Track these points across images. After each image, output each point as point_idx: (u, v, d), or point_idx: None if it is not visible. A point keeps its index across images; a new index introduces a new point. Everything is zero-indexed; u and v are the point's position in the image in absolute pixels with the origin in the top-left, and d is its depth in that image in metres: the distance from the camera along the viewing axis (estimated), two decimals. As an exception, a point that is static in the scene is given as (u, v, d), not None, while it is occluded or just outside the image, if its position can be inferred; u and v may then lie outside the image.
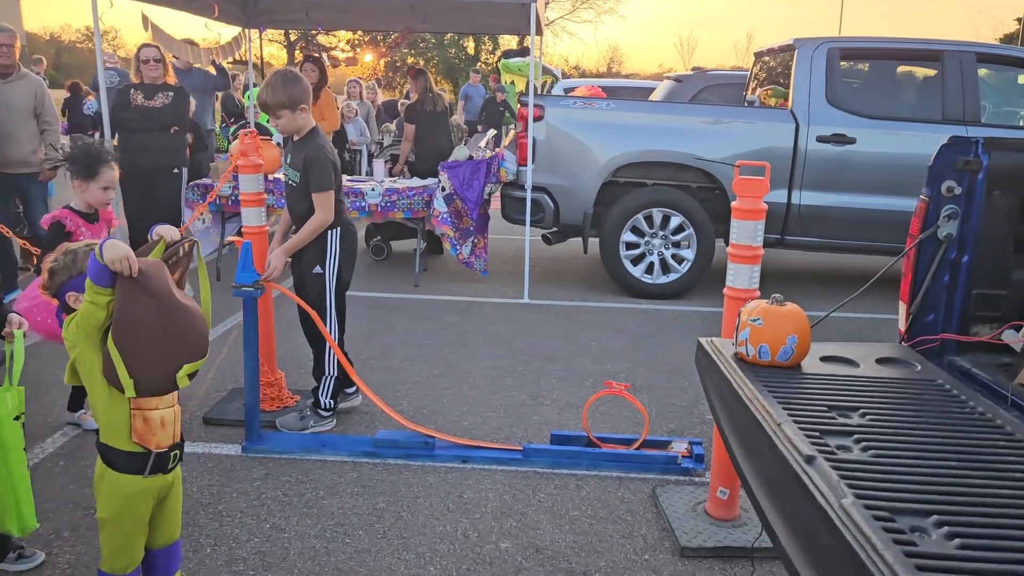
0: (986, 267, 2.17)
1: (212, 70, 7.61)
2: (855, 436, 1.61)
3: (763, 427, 1.67)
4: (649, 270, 6.39)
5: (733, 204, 2.90)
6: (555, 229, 6.56)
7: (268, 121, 4.48)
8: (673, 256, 6.35)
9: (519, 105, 6.39)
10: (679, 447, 3.64)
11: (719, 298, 6.32)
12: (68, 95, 16.08)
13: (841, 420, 1.70)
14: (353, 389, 4.06)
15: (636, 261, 6.39)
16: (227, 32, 8.20)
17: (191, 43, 7.47)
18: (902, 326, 2.30)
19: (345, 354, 3.85)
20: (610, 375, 4.70)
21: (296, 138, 3.72)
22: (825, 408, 1.75)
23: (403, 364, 4.81)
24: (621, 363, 4.94)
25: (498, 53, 30.12)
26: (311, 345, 3.94)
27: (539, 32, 8.07)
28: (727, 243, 6.26)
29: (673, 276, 6.37)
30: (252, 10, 8.22)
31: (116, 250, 1.96)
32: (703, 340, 2.22)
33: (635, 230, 6.33)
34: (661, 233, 6.32)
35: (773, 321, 1.99)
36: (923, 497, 1.37)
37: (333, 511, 3.17)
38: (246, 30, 8.38)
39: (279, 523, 3.08)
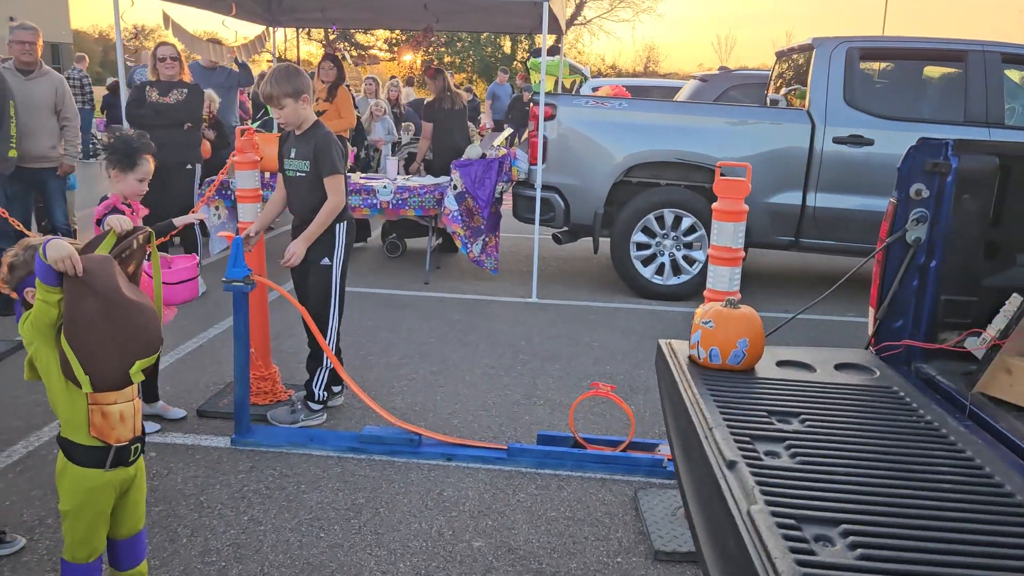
0: (955, 272, 2.10)
1: (235, 67, 7.71)
2: (787, 442, 1.57)
3: (697, 430, 1.64)
4: (660, 271, 6.33)
5: (714, 205, 2.85)
6: (565, 228, 6.53)
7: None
8: (684, 257, 6.28)
9: (532, 104, 6.37)
10: (666, 450, 3.60)
11: (756, 301, 6.28)
12: (108, 93, 16.44)
13: (778, 426, 1.66)
14: (339, 388, 4.08)
15: (647, 262, 6.34)
16: (250, 30, 8.30)
17: (215, 41, 7.58)
18: (870, 331, 2.24)
19: (339, 351, 3.88)
20: (609, 376, 4.66)
21: (298, 132, 3.76)
22: (765, 413, 1.71)
23: (402, 361, 4.83)
24: (622, 364, 4.90)
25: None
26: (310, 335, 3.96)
27: (559, 31, 8.06)
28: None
29: (684, 278, 6.30)
30: (276, 9, 8.31)
31: (59, 250, 1.96)
32: (662, 342, 2.19)
33: (646, 230, 6.28)
34: (672, 234, 6.26)
35: (724, 324, 1.95)
36: (837, 506, 1.34)
37: (312, 505, 3.19)
38: (270, 28, 8.47)
39: (257, 515, 3.10)
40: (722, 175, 2.79)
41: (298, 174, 3.77)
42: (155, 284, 2.36)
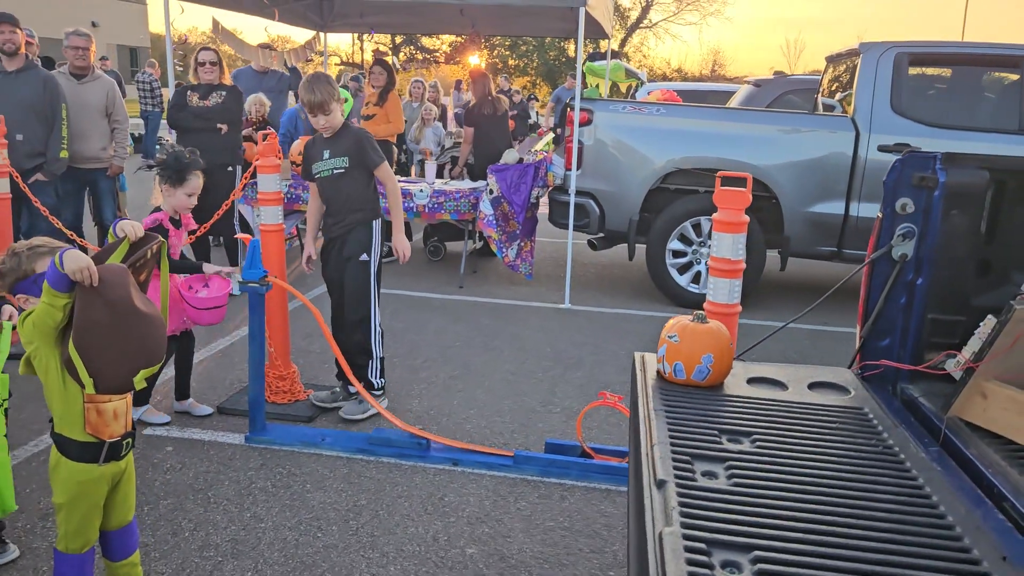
0: (943, 290, 2.01)
1: (286, 71, 7.89)
2: (728, 463, 1.53)
3: (641, 447, 1.61)
4: (696, 279, 6.23)
5: (714, 216, 2.80)
6: (601, 235, 6.48)
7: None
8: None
9: (568, 109, 6.35)
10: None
11: (768, 311, 6.14)
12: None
13: (726, 445, 1.62)
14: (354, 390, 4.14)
15: (683, 270, 6.25)
16: (301, 35, 8.49)
17: (265, 46, 7.77)
18: (856, 349, 2.17)
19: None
20: (631, 386, 4.60)
21: (327, 135, 3.89)
22: (715, 432, 1.67)
23: (425, 364, 4.87)
24: (646, 374, 4.84)
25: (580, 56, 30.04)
26: (353, 332, 4.03)
27: (603, 35, 8.01)
28: (780, 255, 6.10)
29: (720, 287, 6.18)
30: (327, 14, 8.48)
31: (76, 261, 2.01)
32: (636, 354, 2.15)
33: (683, 238, 6.19)
34: (709, 242, 6.15)
35: (690, 338, 1.91)
36: (755, 531, 1.30)
37: (314, 505, 3.24)
38: (320, 33, 8.65)
39: (260, 513, 3.17)
40: (722, 185, 2.73)
41: (335, 171, 3.89)
42: (162, 292, 2.43)
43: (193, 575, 2.77)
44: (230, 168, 6.03)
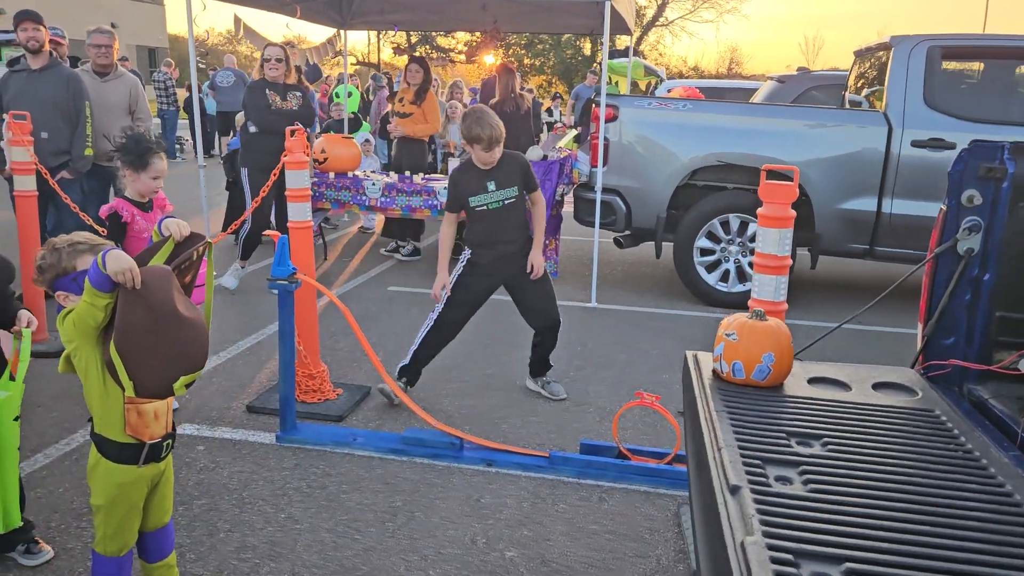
0: (1011, 287, 1.94)
1: (304, 67, 7.88)
2: (802, 467, 1.47)
3: (707, 450, 1.55)
4: (724, 278, 6.15)
5: (759, 211, 2.73)
6: (627, 232, 6.41)
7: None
8: (750, 264, 6.08)
9: (594, 106, 6.28)
10: (712, 464, 3.47)
11: (796, 310, 6.04)
12: (188, 94, 17.07)
13: (796, 449, 1.55)
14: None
15: (711, 268, 6.17)
16: (321, 32, 8.47)
17: (288, 44, 7.75)
18: (918, 348, 2.09)
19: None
20: (664, 386, 4.54)
21: (485, 167, 3.96)
22: (783, 435, 1.60)
23: (456, 363, 4.81)
24: (679, 373, 4.77)
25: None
26: (554, 326, 4.26)
27: (627, 31, 7.93)
28: (810, 252, 6.01)
29: (750, 284, 6.08)
30: (347, 12, 8.45)
31: (119, 262, 1.97)
32: (689, 353, 2.09)
33: (711, 236, 6.11)
34: (738, 240, 6.07)
35: (748, 337, 1.85)
36: (842, 542, 1.23)
37: (351, 506, 3.20)
38: (341, 31, 8.62)
39: (296, 514, 3.13)
40: (768, 178, 2.66)
41: (506, 202, 4.01)
42: (207, 295, 2.38)
43: (231, 578, 2.73)
44: None
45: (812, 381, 1.92)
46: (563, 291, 6.50)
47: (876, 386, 1.90)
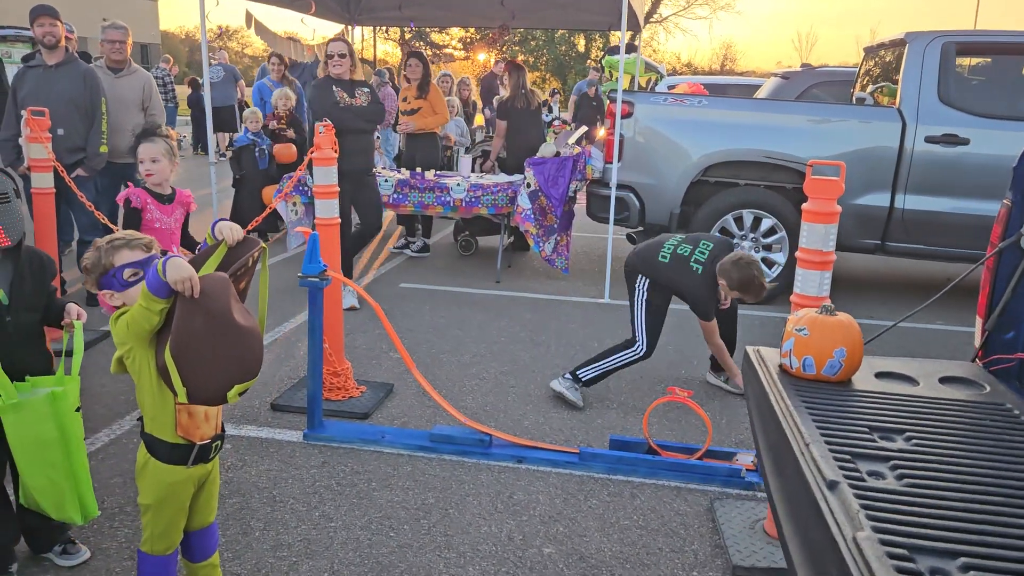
0: (1075, 281, 1.93)
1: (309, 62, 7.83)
2: (892, 462, 1.45)
3: (791, 446, 1.53)
4: (738, 274, 6.14)
5: (804, 206, 2.72)
6: (640, 228, 6.40)
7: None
8: (764, 260, 6.08)
9: (608, 101, 6.26)
10: (744, 460, 3.46)
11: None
12: (190, 91, 16.97)
13: (881, 443, 1.54)
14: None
15: (724, 264, 6.15)
16: (330, 29, 8.41)
17: (294, 40, 7.70)
18: (977, 343, 2.09)
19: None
20: (683, 380, 4.53)
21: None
22: (866, 429, 1.59)
23: (473, 360, 4.79)
24: (697, 368, 4.76)
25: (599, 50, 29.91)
26: None
27: (637, 27, 7.92)
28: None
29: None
30: (355, 8, 8.40)
31: (179, 271, 1.94)
32: (750, 349, 2.07)
33: (724, 231, 6.10)
34: (752, 235, 6.07)
35: (820, 332, 1.83)
36: (954, 536, 1.22)
37: (383, 503, 3.17)
38: (350, 27, 8.57)
39: (328, 512, 3.10)
40: (814, 174, 2.64)
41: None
42: (260, 300, 2.35)
43: (270, 575, 2.70)
44: (374, 169, 5.89)
45: (879, 375, 1.91)
46: (575, 287, 6.49)
47: (943, 380, 1.89)
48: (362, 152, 5.63)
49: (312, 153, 3.92)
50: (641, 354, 4.11)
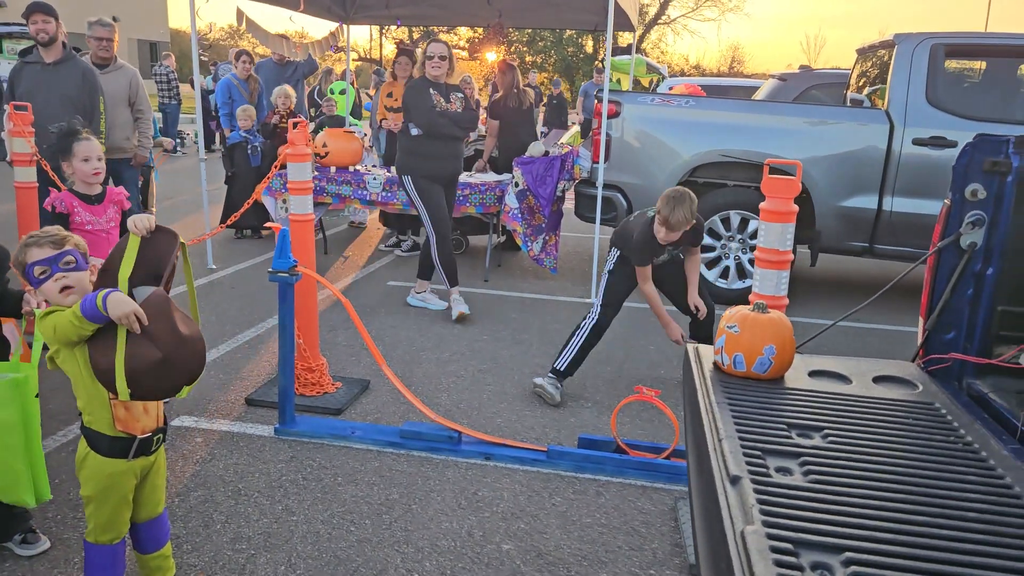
0: (1014, 281, 1.92)
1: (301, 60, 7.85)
2: (803, 458, 1.46)
3: (707, 441, 1.54)
4: (724, 275, 6.14)
5: (762, 205, 2.71)
6: (628, 229, 6.39)
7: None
8: (750, 261, 6.06)
9: (596, 101, 6.26)
10: (711, 460, 3.46)
11: (796, 307, 6.03)
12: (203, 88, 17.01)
13: (796, 440, 1.54)
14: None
15: (711, 265, 6.16)
16: (324, 27, 8.44)
17: (285, 37, 7.73)
18: (919, 343, 2.08)
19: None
20: (662, 381, 4.53)
21: (666, 242, 4.08)
22: (784, 426, 1.59)
23: (452, 357, 4.80)
24: (677, 369, 4.76)
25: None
26: None
27: (630, 27, 7.92)
28: (810, 249, 6.00)
29: (750, 281, 6.09)
30: (350, 5, 8.43)
31: (121, 307, 1.97)
32: (689, 345, 2.08)
33: (711, 232, 6.09)
34: (739, 236, 6.06)
35: (750, 329, 1.83)
36: (843, 532, 1.22)
37: (346, 498, 3.19)
38: (344, 25, 8.59)
39: (291, 506, 3.12)
40: (771, 173, 2.64)
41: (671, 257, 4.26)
42: (190, 292, 2.37)
43: (226, 568, 2.72)
44: (460, 176, 5.82)
45: (813, 374, 1.91)
46: (562, 287, 6.49)
47: (877, 379, 1.89)
48: (454, 158, 5.53)
49: (287, 149, 3.94)
50: (594, 319, 4.20)
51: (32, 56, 5.43)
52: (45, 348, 2.33)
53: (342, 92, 10.07)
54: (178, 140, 15.19)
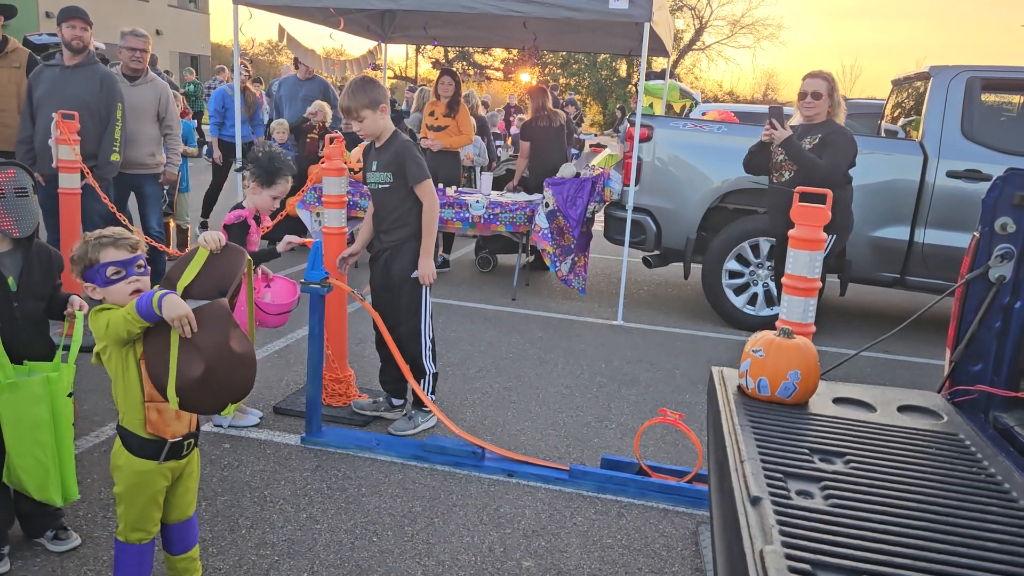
0: (1043, 316, 1.93)
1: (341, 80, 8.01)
2: (823, 483, 1.47)
3: (729, 462, 1.56)
4: (752, 301, 6.13)
5: (791, 232, 2.73)
6: (656, 252, 6.42)
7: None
8: (778, 288, 6.05)
9: (628, 125, 6.31)
10: (733, 485, 3.45)
11: (824, 336, 6.00)
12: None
13: (818, 465, 1.55)
14: (401, 402, 4.11)
15: (739, 291, 6.15)
16: (360, 44, 8.60)
17: (327, 58, 7.89)
18: (945, 373, 2.08)
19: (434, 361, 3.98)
20: (687, 406, 4.53)
21: (378, 144, 3.80)
22: (806, 451, 1.61)
23: (478, 374, 4.84)
24: (702, 393, 4.75)
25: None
26: (401, 349, 3.88)
27: (664, 53, 7.97)
28: (840, 279, 5.97)
29: (777, 309, 6.05)
30: (388, 25, 8.58)
31: (175, 309, 2.03)
32: (714, 369, 2.10)
33: (740, 258, 6.09)
34: (768, 263, 6.05)
35: (775, 354, 1.85)
36: (861, 555, 1.23)
37: (369, 509, 3.23)
38: (382, 44, 8.75)
39: (315, 514, 3.16)
40: (801, 200, 2.66)
41: (382, 185, 3.78)
42: (249, 315, 2.43)
43: (250, 572, 2.77)
44: None
45: (837, 401, 1.92)
46: (590, 308, 6.52)
47: (901, 408, 1.90)
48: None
49: (322, 163, 4.02)
50: None
51: (54, 60, 5.31)
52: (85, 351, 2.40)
53: None
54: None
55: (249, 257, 2.35)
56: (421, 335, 3.90)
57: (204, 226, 8.46)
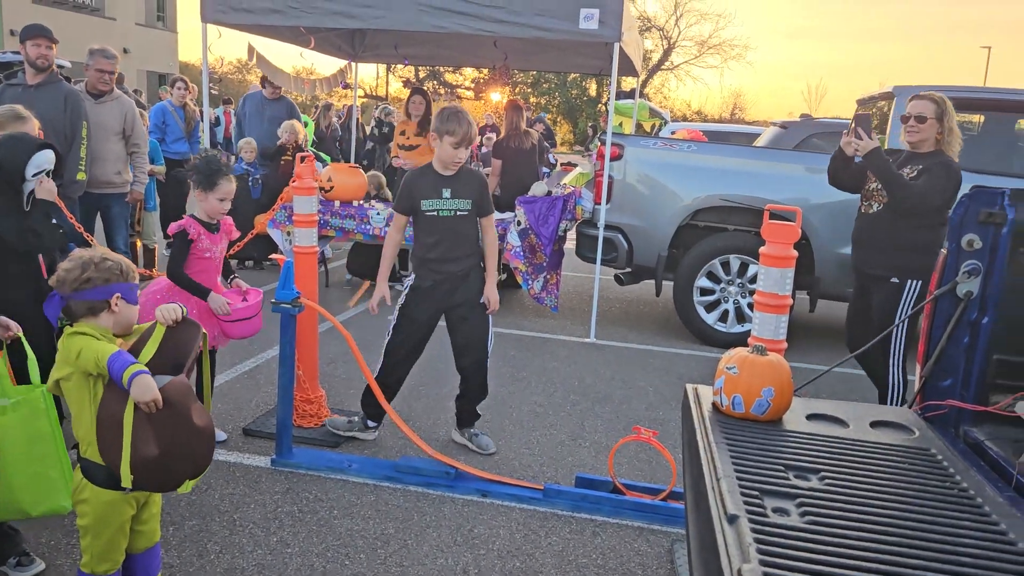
0: (1009, 330, 1.96)
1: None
2: (799, 499, 1.47)
3: (706, 480, 1.55)
4: (723, 318, 6.17)
5: (762, 250, 2.76)
6: (628, 270, 6.44)
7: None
8: (749, 305, 6.10)
9: (599, 143, 6.35)
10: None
11: (794, 352, 6.05)
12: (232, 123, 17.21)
13: (794, 481, 1.56)
14: (375, 424, 4.06)
15: (710, 308, 6.19)
16: (330, 63, 8.59)
17: (296, 77, 7.86)
18: (915, 389, 2.11)
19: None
20: (660, 423, 4.53)
21: (447, 172, 3.75)
22: (781, 468, 1.61)
23: (451, 393, 4.78)
24: (675, 411, 4.76)
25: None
26: (475, 373, 4.04)
27: (634, 72, 8.05)
28: (809, 295, 6.04)
29: (748, 325, 6.11)
30: (359, 44, 8.58)
31: (145, 393, 2.03)
32: (688, 386, 2.10)
33: (711, 276, 6.14)
34: (738, 280, 6.10)
35: (749, 371, 1.86)
36: (838, 573, 1.23)
37: (342, 532, 3.18)
38: (352, 63, 8.74)
39: (286, 538, 3.11)
40: (771, 218, 2.69)
41: (458, 213, 3.78)
42: (205, 384, 2.41)
43: (219, 599, 2.71)
44: None
45: (811, 417, 1.93)
46: (562, 326, 6.52)
47: (874, 424, 1.91)
48: None
49: (293, 182, 3.99)
50: None
51: (16, 79, 5.21)
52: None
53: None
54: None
55: (204, 331, 2.32)
56: (488, 358, 4.04)
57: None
